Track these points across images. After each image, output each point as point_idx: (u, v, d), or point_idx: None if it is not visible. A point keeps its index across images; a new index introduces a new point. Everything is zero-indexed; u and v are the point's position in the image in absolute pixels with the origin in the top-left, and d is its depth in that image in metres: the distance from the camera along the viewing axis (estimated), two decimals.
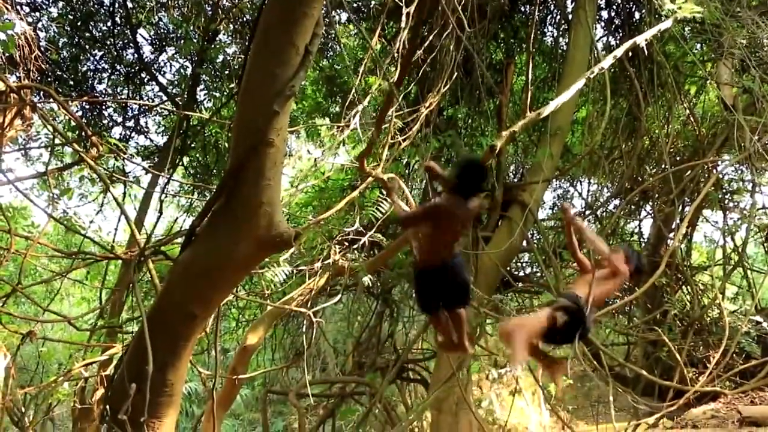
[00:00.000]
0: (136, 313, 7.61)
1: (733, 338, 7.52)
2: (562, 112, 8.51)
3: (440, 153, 9.57)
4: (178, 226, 10.35)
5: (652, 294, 9.73)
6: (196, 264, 3.67)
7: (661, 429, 6.38)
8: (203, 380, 7.89)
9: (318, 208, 8.01)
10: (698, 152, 9.28)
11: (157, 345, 3.67)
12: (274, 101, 3.31)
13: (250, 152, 3.31)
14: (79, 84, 9.79)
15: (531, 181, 8.81)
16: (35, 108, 6.52)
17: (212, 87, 10.24)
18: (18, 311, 8.50)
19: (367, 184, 6.29)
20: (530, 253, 10.48)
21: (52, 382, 7.29)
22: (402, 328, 11.50)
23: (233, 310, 10.62)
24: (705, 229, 14.20)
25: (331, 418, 10.94)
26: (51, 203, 5.97)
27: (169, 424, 4.27)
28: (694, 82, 10.08)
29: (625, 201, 9.93)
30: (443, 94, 7.30)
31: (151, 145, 10.75)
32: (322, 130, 7.08)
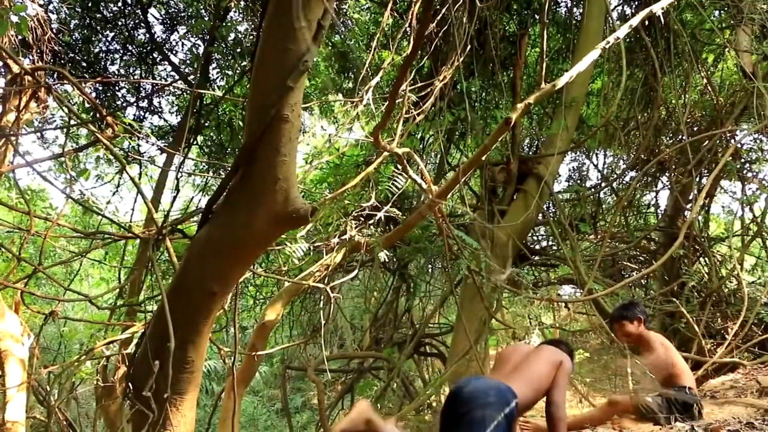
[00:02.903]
0: (155, 292, 7.69)
1: (751, 309, 7.48)
2: (577, 84, 8.42)
3: (454, 126, 9.53)
4: (194, 206, 10.42)
5: (670, 266, 9.68)
6: (213, 241, 3.68)
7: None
8: (223, 357, 7.98)
9: (333, 184, 8.01)
10: (716, 122, 9.15)
11: (177, 322, 3.70)
12: (287, 77, 3.29)
13: (264, 128, 3.30)
14: (92, 65, 9.80)
15: (546, 153, 8.75)
16: (50, 90, 6.55)
17: (225, 65, 10.22)
18: (39, 293, 8.60)
19: (383, 159, 6.27)
20: (546, 226, 10.44)
21: (74, 361, 7.40)
22: (419, 302, 11.54)
23: (250, 288, 10.70)
24: (723, 200, 14.05)
25: (350, 393, 11.05)
26: (68, 185, 6.00)
27: (191, 401, 4.33)
28: (712, 51, 9.90)
29: (642, 172, 9.83)
30: (456, 67, 7.23)
31: (165, 125, 10.78)
32: (335, 106, 7.04)
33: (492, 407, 3.09)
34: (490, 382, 3.34)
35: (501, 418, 3.05)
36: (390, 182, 6.81)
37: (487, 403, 3.11)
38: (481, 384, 3.30)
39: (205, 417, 9.74)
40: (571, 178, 11.98)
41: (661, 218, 11.01)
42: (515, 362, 3.70)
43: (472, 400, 3.14)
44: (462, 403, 3.17)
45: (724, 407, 4.77)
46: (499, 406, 3.12)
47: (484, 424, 3.03)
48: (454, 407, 3.25)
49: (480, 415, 3.06)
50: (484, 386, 3.27)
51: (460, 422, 3.11)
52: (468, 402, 3.14)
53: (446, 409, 3.33)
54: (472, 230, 8.61)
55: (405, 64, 4.79)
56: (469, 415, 3.08)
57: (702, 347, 7.45)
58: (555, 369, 3.53)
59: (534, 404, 3.55)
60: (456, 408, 3.21)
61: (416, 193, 9.47)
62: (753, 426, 2.95)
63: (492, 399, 3.14)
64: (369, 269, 10.37)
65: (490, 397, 3.15)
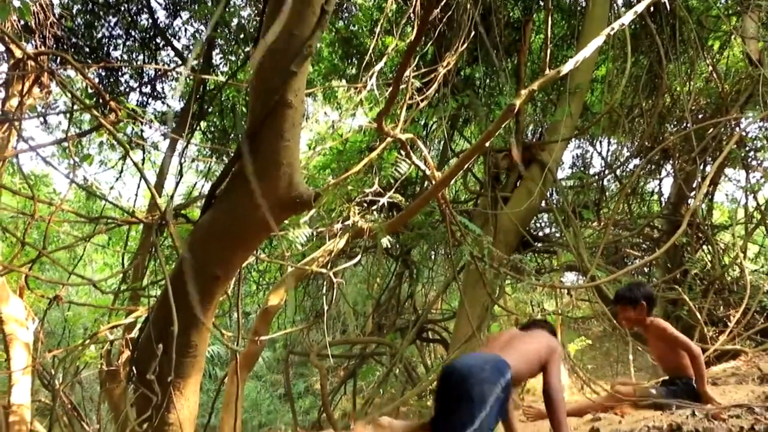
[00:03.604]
0: (158, 277, 7.72)
1: (754, 297, 7.49)
2: (582, 70, 8.38)
3: (458, 113, 9.50)
4: (198, 191, 10.43)
5: (673, 253, 9.69)
6: (217, 226, 3.69)
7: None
8: (226, 342, 8.02)
9: (336, 170, 8.00)
10: (721, 109, 9.12)
11: (180, 307, 3.72)
12: (291, 62, 3.28)
13: (268, 113, 3.30)
14: (95, 51, 9.78)
15: (550, 140, 8.73)
16: (53, 75, 6.54)
17: (228, 51, 10.19)
18: (43, 277, 8.64)
19: (386, 145, 6.26)
20: (549, 213, 10.44)
21: (78, 346, 7.45)
22: (421, 288, 11.56)
23: (254, 273, 10.73)
24: (727, 188, 14.03)
25: (352, 378, 11.10)
26: (72, 170, 6.00)
27: (194, 385, 4.35)
28: (718, 37, 9.84)
29: (646, 160, 9.81)
30: (460, 53, 7.20)
31: (168, 110, 10.77)
32: (339, 92, 7.03)
33: (489, 381, 3.06)
34: (484, 356, 3.32)
35: (499, 391, 3.05)
36: (393, 168, 6.81)
37: (484, 378, 3.07)
38: (474, 359, 3.28)
39: (209, 402, 9.80)
40: (575, 165, 11.96)
41: (664, 206, 11.00)
42: (505, 340, 3.67)
43: (470, 376, 3.09)
44: (458, 380, 3.12)
45: (725, 394, 4.79)
46: (496, 378, 3.09)
47: (484, 400, 2.99)
48: (449, 386, 3.21)
49: (479, 391, 3.02)
50: (478, 361, 3.24)
51: (460, 400, 3.05)
52: (465, 379, 3.09)
53: (441, 389, 3.29)
54: (475, 216, 8.62)
55: (409, 50, 4.77)
56: (468, 392, 3.03)
57: (704, 334, 7.47)
58: (546, 349, 3.50)
59: (526, 378, 3.54)
60: (452, 386, 3.16)
61: (419, 179, 9.46)
62: (753, 411, 2.97)
63: (487, 373, 3.10)
64: (372, 255, 10.38)
65: (485, 371, 3.11)
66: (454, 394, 3.11)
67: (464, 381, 3.08)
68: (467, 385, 3.05)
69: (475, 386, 3.03)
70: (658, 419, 3.15)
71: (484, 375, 3.09)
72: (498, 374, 3.12)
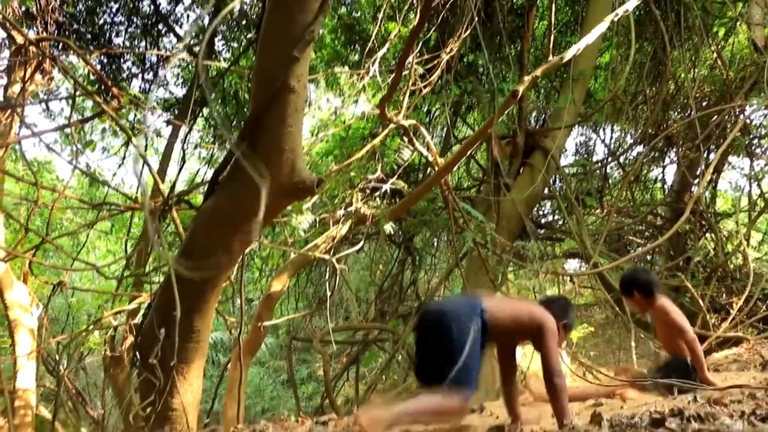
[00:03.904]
0: (161, 263, 7.74)
1: (757, 284, 7.49)
2: (585, 57, 8.34)
3: (461, 99, 9.47)
4: (200, 178, 10.43)
5: (676, 241, 9.68)
6: (219, 212, 3.70)
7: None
8: (229, 328, 8.04)
9: (339, 156, 7.99)
10: (725, 96, 9.06)
11: (183, 292, 3.73)
12: (293, 47, 3.27)
13: (270, 99, 3.29)
14: (97, 37, 9.75)
15: (553, 127, 8.70)
16: (55, 61, 6.53)
17: (230, 37, 10.16)
18: (47, 263, 8.67)
19: (389, 132, 6.26)
20: (552, 200, 10.43)
21: (83, 331, 7.49)
22: (424, 275, 11.58)
23: (256, 260, 10.75)
24: (731, 175, 14.00)
25: (355, 364, 11.14)
26: (74, 156, 6.02)
27: (197, 370, 4.38)
28: (723, 24, 9.76)
29: (649, 147, 9.78)
30: (463, 40, 7.17)
31: (170, 97, 10.75)
32: (341, 78, 7.01)
33: (463, 319, 3.01)
34: (458, 298, 3.33)
35: (474, 330, 2.99)
36: (396, 155, 6.81)
37: (458, 316, 3.02)
38: (449, 301, 3.32)
39: (212, 387, 9.85)
40: (578, 152, 11.94)
41: (667, 193, 10.98)
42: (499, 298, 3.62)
43: (444, 315, 3.06)
44: (435, 322, 3.08)
45: (727, 380, 4.80)
46: (468, 317, 3.02)
47: (462, 337, 2.94)
48: (426, 329, 3.17)
49: (456, 329, 2.96)
50: (452, 302, 3.26)
51: (439, 342, 3.00)
52: (440, 319, 3.04)
53: (420, 334, 3.25)
54: (478, 203, 8.61)
55: (411, 36, 4.76)
56: (447, 332, 2.97)
57: (706, 322, 7.48)
58: (540, 317, 3.26)
59: (510, 334, 3.30)
60: (429, 329, 3.13)
61: (422, 165, 9.45)
62: (754, 397, 2.98)
63: (462, 311, 3.05)
64: (374, 242, 10.39)
65: (459, 310, 3.07)
66: (433, 337, 3.07)
67: (440, 322, 3.04)
68: (443, 326, 3.01)
69: (451, 324, 2.98)
70: (659, 404, 3.16)
71: (458, 313, 3.05)
72: (472, 312, 3.06)
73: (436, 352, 3.01)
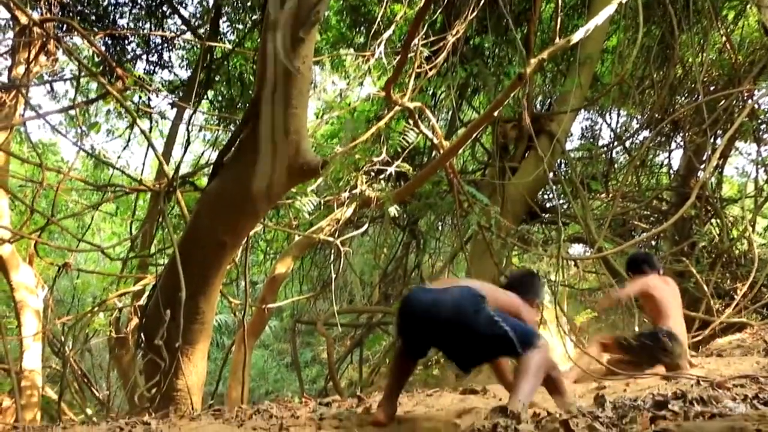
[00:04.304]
0: (166, 244, 7.76)
1: (761, 270, 7.47)
2: (592, 40, 8.27)
3: (466, 82, 9.41)
4: (205, 161, 10.42)
5: (681, 226, 9.65)
6: (224, 194, 3.71)
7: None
8: (233, 310, 8.08)
9: (344, 139, 7.97)
10: (733, 81, 9.00)
11: (188, 273, 3.74)
12: (299, 28, 3.26)
13: (275, 80, 3.28)
14: (101, 18, 9.69)
15: (559, 111, 8.66)
16: (60, 42, 6.51)
17: (235, 18, 10.10)
18: (52, 244, 8.70)
19: (394, 114, 6.23)
20: (557, 184, 10.40)
21: (88, 312, 7.53)
22: (428, 258, 11.58)
23: (261, 243, 10.76)
24: (737, 161, 13.91)
25: (359, 347, 11.19)
26: (79, 138, 6.01)
27: (202, 351, 4.41)
28: (733, 7, 9.65)
29: (655, 132, 9.72)
30: (470, 22, 7.11)
31: (175, 79, 10.72)
32: (346, 60, 6.97)
33: (475, 303, 2.92)
34: (449, 288, 3.07)
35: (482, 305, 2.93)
36: (401, 137, 6.78)
37: (470, 305, 2.92)
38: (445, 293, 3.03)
39: (216, 370, 9.90)
40: (584, 137, 11.87)
41: (673, 178, 10.93)
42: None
43: (460, 308, 2.92)
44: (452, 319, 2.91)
45: (730, 365, 4.80)
46: (474, 300, 2.94)
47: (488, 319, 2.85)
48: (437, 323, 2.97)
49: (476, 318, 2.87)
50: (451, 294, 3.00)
51: (469, 339, 2.89)
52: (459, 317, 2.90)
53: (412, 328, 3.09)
54: (483, 187, 8.58)
55: (417, 18, 4.73)
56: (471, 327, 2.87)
57: (710, 307, 7.47)
58: (516, 309, 3.15)
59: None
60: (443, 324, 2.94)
61: (427, 148, 9.42)
62: (757, 381, 2.98)
63: (467, 300, 2.94)
64: (379, 225, 10.39)
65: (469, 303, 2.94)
66: (454, 334, 2.94)
67: (459, 319, 2.90)
68: (465, 323, 2.89)
69: (469, 316, 2.89)
70: (662, 388, 3.17)
71: (467, 303, 2.93)
72: (478, 299, 2.96)
73: (482, 346, 2.96)
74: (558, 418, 2.21)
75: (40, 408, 6.97)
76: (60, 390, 6.84)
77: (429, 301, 3.02)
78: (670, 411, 2.18)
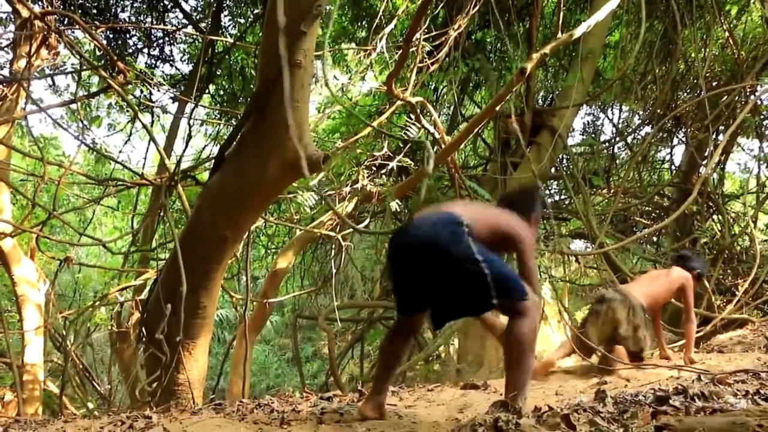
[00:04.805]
0: (167, 239, 7.77)
1: (763, 267, 7.47)
2: (595, 35, 8.25)
3: (468, 77, 9.39)
4: (206, 155, 10.41)
5: (682, 222, 9.64)
6: (226, 187, 3.70)
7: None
8: (234, 305, 8.08)
9: (345, 134, 7.96)
10: (736, 77, 8.97)
11: (189, 267, 3.74)
12: (301, 22, 3.25)
13: (277, 74, 3.27)
14: (102, 12, 9.67)
15: (561, 106, 8.64)
16: (61, 35, 6.50)
17: (236, 13, 10.09)
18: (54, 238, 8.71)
19: (396, 108, 6.22)
20: (559, 179, 10.38)
21: (89, 307, 7.54)
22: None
23: (262, 237, 10.76)
24: (739, 157, 13.87)
25: (360, 342, 11.19)
26: (81, 132, 6.01)
27: (203, 346, 4.41)
28: (736, 2, 9.62)
29: (658, 127, 9.70)
30: (472, 17, 7.10)
31: (176, 73, 10.70)
32: (348, 54, 6.96)
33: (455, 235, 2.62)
34: (430, 217, 2.80)
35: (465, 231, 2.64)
36: (403, 132, 6.77)
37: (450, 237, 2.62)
38: (423, 224, 2.76)
39: (217, 365, 9.91)
40: (586, 132, 11.84)
41: (675, 174, 10.91)
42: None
43: (436, 241, 2.62)
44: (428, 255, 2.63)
45: (731, 362, 4.81)
46: (458, 231, 2.64)
47: (469, 258, 2.55)
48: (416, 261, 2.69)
49: (457, 253, 2.58)
50: (429, 223, 2.72)
51: (447, 277, 2.61)
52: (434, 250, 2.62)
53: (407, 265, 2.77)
54: (485, 182, 8.57)
55: (419, 13, 4.71)
56: (449, 264, 2.59)
57: (712, 303, 7.47)
58: (512, 229, 2.86)
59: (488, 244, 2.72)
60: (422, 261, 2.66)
61: (429, 142, 9.40)
62: (759, 376, 2.98)
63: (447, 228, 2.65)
64: (380, 220, 10.38)
65: (448, 231, 2.65)
66: (434, 272, 2.64)
67: (435, 253, 2.62)
68: (442, 256, 2.60)
69: (450, 249, 2.59)
70: (663, 383, 3.17)
71: (446, 234, 2.64)
72: (457, 227, 2.66)
73: (453, 288, 2.63)
74: (559, 413, 2.21)
75: (41, 402, 6.98)
76: (61, 384, 6.83)
77: (410, 231, 2.80)
78: (672, 406, 2.18)
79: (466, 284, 2.60)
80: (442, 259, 2.60)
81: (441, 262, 2.61)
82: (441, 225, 2.67)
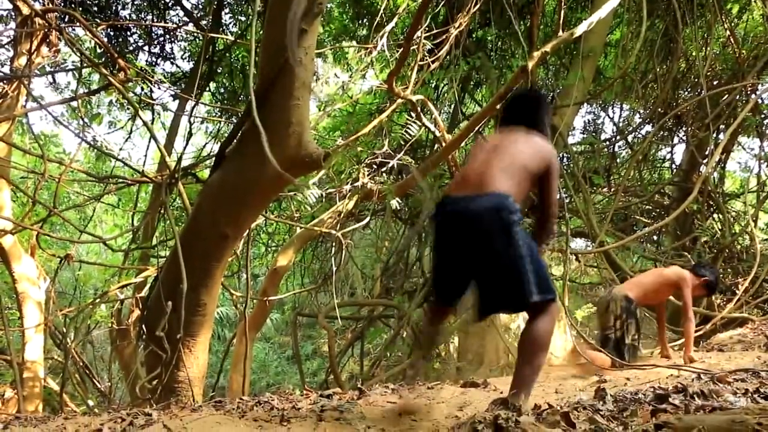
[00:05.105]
0: (168, 236, 7.77)
1: (763, 266, 7.48)
2: (595, 33, 8.24)
3: (469, 75, 9.38)
4: (207, 153, 10.41)
5: (683, 221, 9.65)
6: (226, 185, 3.70)
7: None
8: (235, 302, 8.08)
9: (346, 132, 7.96)
10: (737, 75, 8.97)
11: (190, 265, 3.75)
12: (301, 19, 3.25)
13: (278, 71, 3.27)
14: (103, 9, 9.67)
15: (562, 104, 8.63)
16: (62, 33, 6.50)
17: (237, 10, 10.08)
18: (54, 235, 8.72)
19: (396, 107, 6.22)
20: (560, 178, 10.36)
21: (89, 304, 7.54)
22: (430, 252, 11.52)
23: (263, 235, 10.76)
24: (740, 156, 13.88)
25: (360, 340, 11.18)
26: (81, 129, 6.00)
27: (203, 343, 4.41)
28: (737, 1, 9.61)
29: (658, 126, 9.70)
30: (472, 15, 7.09)
31: (177, 71, 10.70)
32: (349, 52, 6.96)
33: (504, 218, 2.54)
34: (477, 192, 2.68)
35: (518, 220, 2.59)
36: (403, 130, 6.77)
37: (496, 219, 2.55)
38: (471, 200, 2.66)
39: (217, 362, 9.91)
40: (586, 130, 11.84)
41: (675, 173, 10.91)
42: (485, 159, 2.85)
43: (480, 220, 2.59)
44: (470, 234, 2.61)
45: (731, 360, 4.81)
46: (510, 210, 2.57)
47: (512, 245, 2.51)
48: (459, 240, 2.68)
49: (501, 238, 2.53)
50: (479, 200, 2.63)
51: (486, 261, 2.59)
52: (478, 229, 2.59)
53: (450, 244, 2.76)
54: None
55: (420, 11, 4.71)
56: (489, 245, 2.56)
57: (712, 302, 7.48)
58: (544, 156, 2.80)
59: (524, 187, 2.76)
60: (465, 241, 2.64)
61: (429, 141, 9.41)
62: (758, 375, 2.98)
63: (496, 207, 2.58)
64: (381, 218, 10.38)
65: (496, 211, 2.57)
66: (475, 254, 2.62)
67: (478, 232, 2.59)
68: (483, 236, 2.57)
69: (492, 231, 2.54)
70: (663, 381, 3.17)
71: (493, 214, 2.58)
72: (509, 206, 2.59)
73: (497, 281, 2.60)
74: (559, 411, 2.22)
75: (41, 399, 6.99)
76: (62, 381, 6.85)
77: (462, 204, 2.70)
78: (671, 404, 2.19)
79: (509, 279, 2.57)
80: (489, 250, 2.58)
81: (487, 253, 2.59)
82: (493, 211, 2.59)
